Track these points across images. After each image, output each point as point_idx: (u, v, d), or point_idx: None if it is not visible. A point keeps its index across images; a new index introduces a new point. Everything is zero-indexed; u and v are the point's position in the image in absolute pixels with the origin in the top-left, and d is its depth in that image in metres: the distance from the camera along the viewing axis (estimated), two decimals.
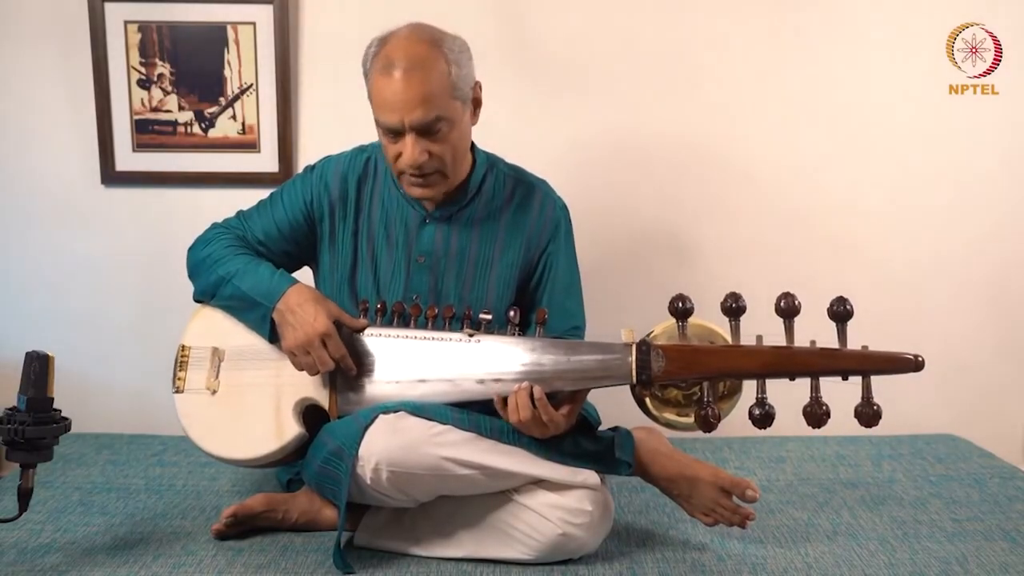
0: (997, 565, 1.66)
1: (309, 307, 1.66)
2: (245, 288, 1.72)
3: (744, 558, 1.68)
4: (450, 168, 1.71)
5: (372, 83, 1.68)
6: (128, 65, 2.31)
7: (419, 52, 1.64)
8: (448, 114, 1.66)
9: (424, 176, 1.70)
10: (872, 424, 1.46)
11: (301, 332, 1.65)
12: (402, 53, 1.63)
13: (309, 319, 1.65)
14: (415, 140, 1.65)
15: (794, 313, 1.47)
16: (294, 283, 1.72)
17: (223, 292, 1.76)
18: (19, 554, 1.65)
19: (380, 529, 1.71)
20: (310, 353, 1.65)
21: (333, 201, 1.82)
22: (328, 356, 1.65)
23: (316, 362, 1.65)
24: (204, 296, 1.81)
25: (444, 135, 1.67)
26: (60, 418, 1.58)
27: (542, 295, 1.86)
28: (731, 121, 2.40)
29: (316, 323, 1.64)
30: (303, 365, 1.67)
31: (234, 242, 1.81)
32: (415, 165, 1.67)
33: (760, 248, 2.43)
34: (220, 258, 1.77)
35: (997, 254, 2.46)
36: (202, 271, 1.80)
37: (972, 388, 2.50)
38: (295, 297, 1.68)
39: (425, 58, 1.63)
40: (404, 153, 1.67)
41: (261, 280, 1.72)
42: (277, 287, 1.70)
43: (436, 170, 1.70)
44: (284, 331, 1.68)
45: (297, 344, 1.65)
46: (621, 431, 1.75)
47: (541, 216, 1.85)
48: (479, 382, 1.63)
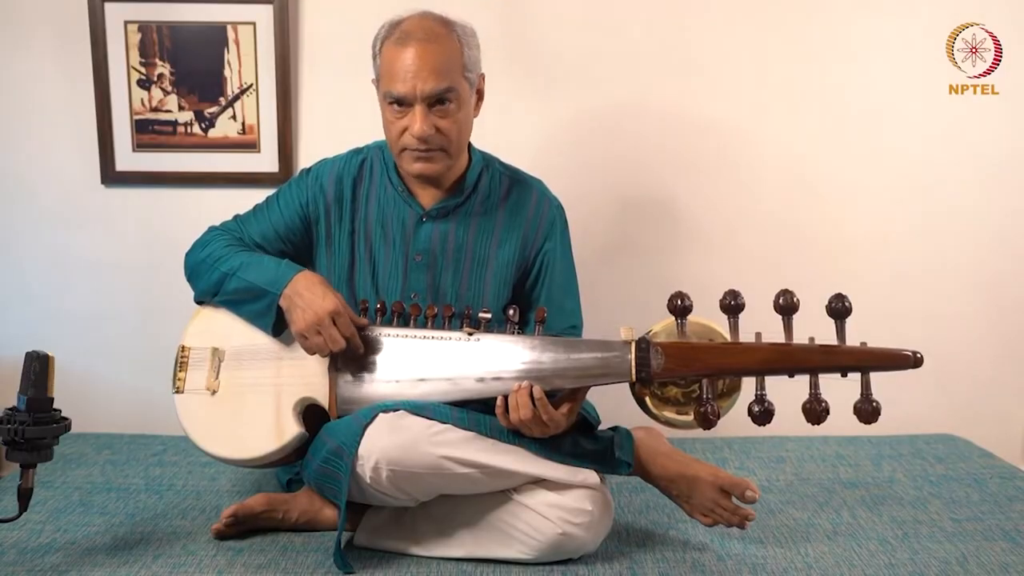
0: (997, 565, 1.66)
1: (318, 289, 1.67)
2: (251, 278, 1.72)
3: (744, 558, 1.68)
4: (453, 147, 1.73)
5: (384, 55, 1.71)
6: (128, 65, 2.31)
7: (434, 28, 1.69)
8: (458, 89, 1.69)
9: (427, 151, 1.71)
10: (871, 421, 1.46)
11: (311, 312, 1.65)
12: (416, 27, 1.69)
13: (318, 299, 1.65)
14: (424, 112, 1.67)
15: (793, 310, 1.47)
16: (301, 270, 1.73)
17: (227, 287, 1.75)
18: (19, 554, 1.65)
19: (380, 529, 1.71)
20: (320, 333, 1.64)
21: (329, 203, 1.83)
22: (339, 334, 1.64)
23: (327, 341, 1.64)
24: (205, 296, 1.81)
25: (452, 112, 1.69)
26: (60, 418, 1.58)
27: (539, 294, 1.86)
28: (730, 119, 2.40)
29: (325, 302, 1.64)
30: (313, 346, 1.66)
31: (233, 242, 1.82)
32: (422, 137, 1.68)
33: (759, 246, 2.43)
34: (221, 256, 1.77)
35: (997, 254, 2.46)
36: (203, 271, 1.80)
37: (972, 388, 2.50)
38: (303, 281, 1.69)
39: (440, 33, 1.69)
40: (412, 126, 1.68)
41: (267, 269, 1.73)
42: (284, 274, 1.71)
43: (440, 147, 1.71)
44: (293, 314, 1.67)
45: (307, 324, 1.65)
46: (621, 431, 1.75)
47: (537, 214, 1.86)
48: (479, 380, 1.63)
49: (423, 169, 1.74)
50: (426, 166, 1.73)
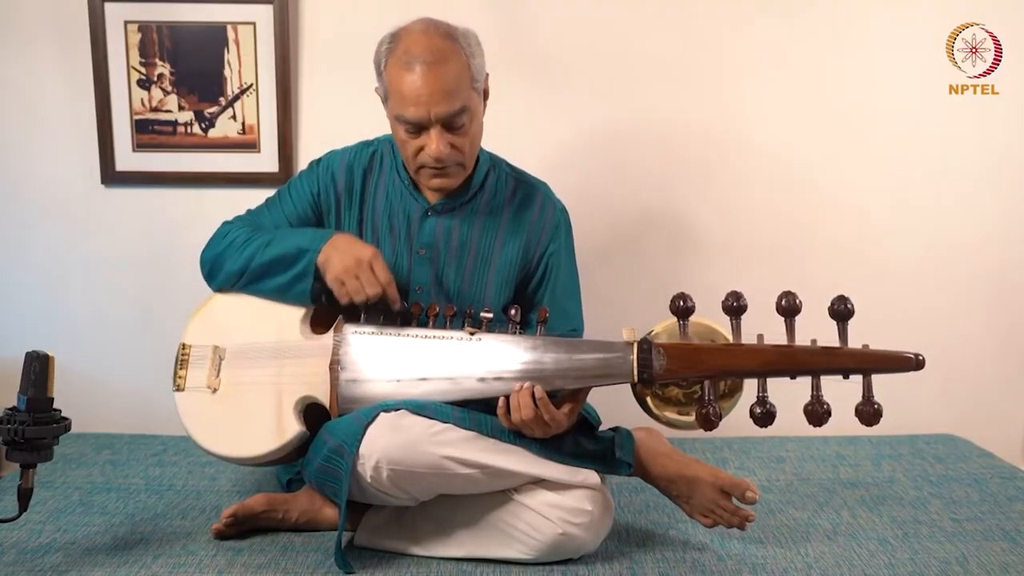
0: (997, 565, 1.66)
1: (356, 241, 1.71)
2: (287, 244, 1.73)
3: (744, 558, 1.68)
4: (468, 159, 1.74)
5: (391, 79, 1.68)
6: (128, 65, 2.31)
7: (439, 46, 1.65)
8: (470, 105, 1.69)
9: (445, 168, 1.71)
10: (873, 423, 1.46)
11: (350, 256, 1.67)
12: (422, 47, 1.65)
13: (358, 246, 1.69)
14: (440, 133, 1.67)
15: (795, 312, 1.47)
16: (338, 231, 1.76)
17: (260, 259, 1.74)
18: (19, 554, 1.65)
19: (380, 529, 1.71)
20: (359, 277, 1.66)
21: (339, 193, 1.84)
22: (375, 279, 1.66)
23: (364, 285, 1.66)
24: (229, 280, 1.79)
25: (466, 128, 1.70)
26: (60, 418, 1.58)
27: (542, 297, 1.86)
28: (732, 120, 2.40)
29: (365, 249, 1.68)
30: (351, 291, 1.67)
31: (254, 229, 1.82)
32: (440, 158, 1.68)
33: (761, 247, 2.43)
34: (248, 239, 1.78)
35: (997, 254, 2.46)
36: (230, 254, 1.78)
37: (972, 388, 2.50)
38: (343, 236, 1.73)
39: (446, 51, 1.65)
40: (429, 147, 1.68)
41: (304, 233, 1.76)
42: (324, 234, 1.73)
43: (457, 162, 1.72)
44: (332, 261, 1.68)
45: (345, 268, 1.66)
46: (621, 431, 1.75)
47: (542, 217, 1.86)
48: (480, 380, 1.63)
49: (442, 184, 1.75)
50: (445, 181, 1.75)
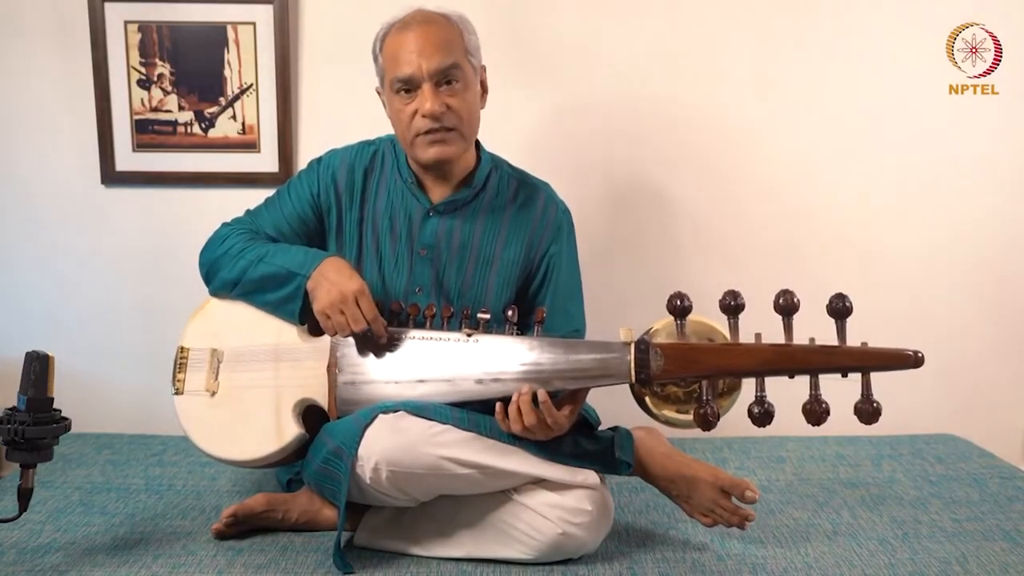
0: (997, 565, 1.66)
1: (346, 271, 1.69)
2: (280, 263, 1.73)
3: (744, 558, 1.68)
4: (465, 127, 1.74)
5: (385, 48, 1.73)
6: (128, 65, 2.31)
7: (432, 14, 1.75)
8: (463, 67, 1.71)
9: (441, 133, 1.71)
10: (872, 421, 1.46)
11: (336, 290, 1.65)
12: (416, 14, 1.74)
13: (345, 279, 1.66)
14: (433, 89, 1.68)
15: (793, 310, 1.46)
16: (330, 254, 1.75)
17: (251, 275, 1.75)
18: (19, 554, 1.65)
19: (380, 529, 1.71)
20: (344, 312, 1.65)
21: (340, 192, 1.83)
22: (361, 315, 1.65)
23: (349, 320, 1.65)
24: (225, 287, 1.80)
25: (460, 90, 1.71)
26: (60, 418, 1.58)
27: (544, 298, 1.86)
28: (731, 119, 2.39)
29: (351, 282, 1.66)
30: (335, 325, 1.67)
31: (251, 235, 1.82)
32: (434, 115, 1.68)
33: (759, 245, 2.43)
34: (244, 248, 1.78)
35: (997, 254, 2.46)
36: (225, 263, 1.79)
37: (972, 388, 2.50)
38: (333, 264, 1.70)
39: (438, 17, 1.73)
40: (423, 106, 1.68)
41: (296, 253, 1.75)
42: (315, 257, 1.72)
43: (453, 126, 1.71)
44: (318, 292, 1.68)
45: (331, 302, 1.65)
46: (621, 431, 1.75)
47: (544, 217, 1.86)
48: (478, 382, 1.63)
49: (439, 152, 1.73)
50: (442, 149, 1.72)
